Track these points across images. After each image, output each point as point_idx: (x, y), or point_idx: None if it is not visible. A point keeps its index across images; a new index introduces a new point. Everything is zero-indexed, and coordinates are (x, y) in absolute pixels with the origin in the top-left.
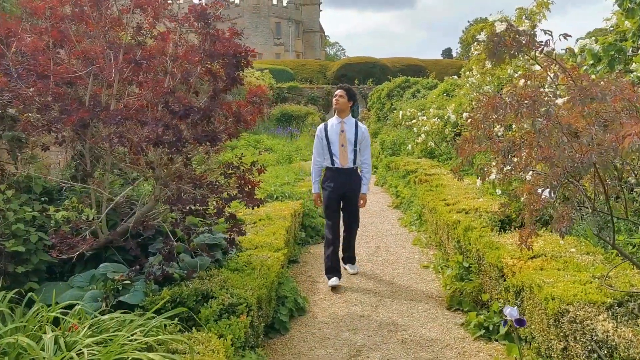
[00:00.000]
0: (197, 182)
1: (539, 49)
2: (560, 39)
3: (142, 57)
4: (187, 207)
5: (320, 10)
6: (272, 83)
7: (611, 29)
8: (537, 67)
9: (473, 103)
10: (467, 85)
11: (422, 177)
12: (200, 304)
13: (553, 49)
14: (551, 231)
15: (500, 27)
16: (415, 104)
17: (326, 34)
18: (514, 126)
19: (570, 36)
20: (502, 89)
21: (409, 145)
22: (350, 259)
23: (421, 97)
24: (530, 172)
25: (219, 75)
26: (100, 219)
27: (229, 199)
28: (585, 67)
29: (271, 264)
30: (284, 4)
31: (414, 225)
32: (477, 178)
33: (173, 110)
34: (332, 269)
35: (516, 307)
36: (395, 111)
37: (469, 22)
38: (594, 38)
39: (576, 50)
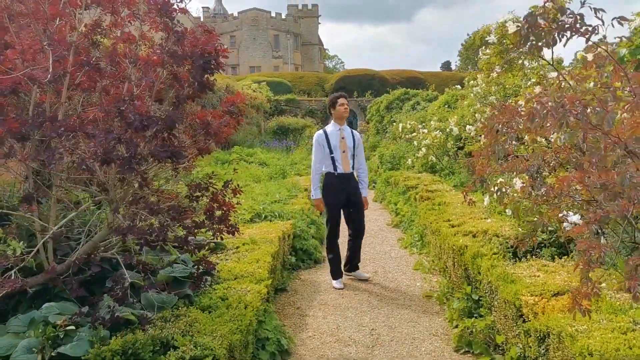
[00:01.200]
0: (154, 207)
1: (586, 35)
2: (612, 25)
3: (98, 60)
4: (143, 238)
5: (319, 23)
6: (269, 95)
7: None
8: (553, 74)
9: (476, 115)
10: (472, 95)
11: (424, 193)
12: (159, 355)
13: (604, 37)
14: (573, 258)
15: (512, 28)
16: (415, 117)
17: (325, 46)
18: (526, 137)
19: (626, 20)
20: (508, 99)
21: (409, 159)
22: (356, 265)
23: (421, 109)
24: (568, 203)
25: (183, 79)
26: (32, 254)
27: (192, 227)
28: None
29: (250, 299)
30: (283, 17)
31: (415, 247)
32: (484, 195)
33: (128, 120)
34: (337, 272)
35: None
36: (394, 124)
37: (468, 34)
38: None
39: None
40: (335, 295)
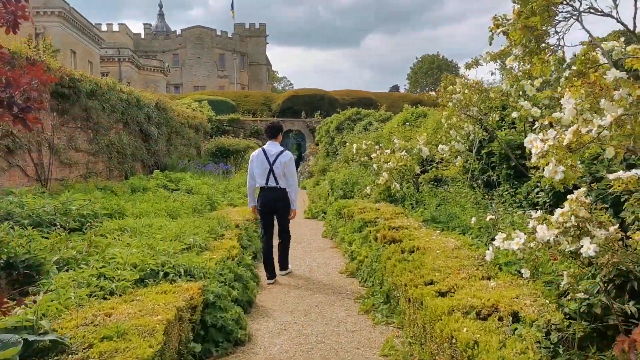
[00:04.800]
0: None
1: None
2: None
3: None
4: None
5: (267, 43)
6: (210, 115)
7: None
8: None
9: (451, 132)
10: (450, 104)
11: (386, 232)
12: None
13: None
14: None
15: None
16: (371, 137)
17: (274, 69)
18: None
19: None
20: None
21: (368, 187)
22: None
23: (374, 130)
24: None
25: None
26: None
27: None
28: None
29: None
30: (229, 35)
31: (380, 312)
32: (488, 247)
33: None
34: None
35: None
36: (347, 145)
37: (416, 58)
38: None
39: None
40: None
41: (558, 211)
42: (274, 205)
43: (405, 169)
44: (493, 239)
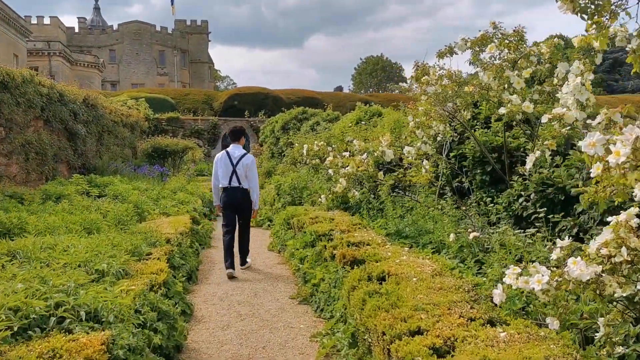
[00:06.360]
0: None
1: None
2: None
3: None
4: None
5: (209, 41)
6: (148, 113)
7: None
8: None
9: (417, 132)
10: (424, 98)
11: (345, 249)
12: None
13: None
14: None
15: None
16: (323, 137)
17: (216, 67)
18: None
19: None
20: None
21: (322, 196)
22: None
23: (322, 129)
24: None
25: None
26: None
27: None
28: None
29: None
30: (169, 31)
31: (344, 357)
32: (495, 285)
33: None
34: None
35: None
36: (294, 146)
37: (361, 59)
38: None
39: None
40: None
41: (598, 239)
42: (237, 204)
43: (365, 175)
44: (482, 265)
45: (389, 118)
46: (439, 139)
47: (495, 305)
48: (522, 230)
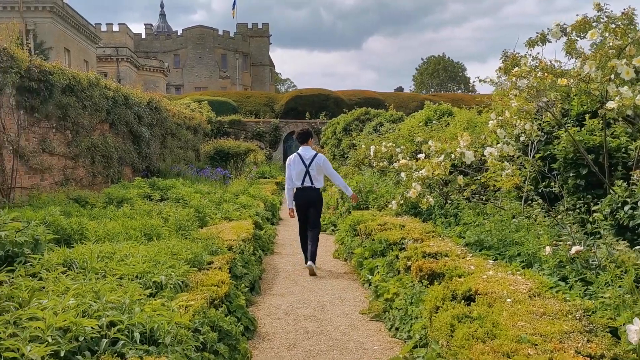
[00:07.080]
0: None
1: None
2: None
3: None
4: None
5: (270, 43)
6: (210, 116)
7: None
8: None
9: (498, 131)
10: (515, 92)
11: (421, 261)
12: None
13: None
14: None
15: None
16: (391, 137)
17: (277, 70)
18: None
19: None
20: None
21: (394, 201)
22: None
23: (385, 130)
24: None
25: None
26: None
27: None
28: None
29: None
30: (231, 35)
31: None
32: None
33: None
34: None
35: None
36: (356, 148)
37: (422, 59)
38: None
39: None
40: None
41: None
42: (310, 202)
43: (442, 178)
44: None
45: (461, 117)
46: (522, 139)
47: (628, 342)
48: (628, 243)
